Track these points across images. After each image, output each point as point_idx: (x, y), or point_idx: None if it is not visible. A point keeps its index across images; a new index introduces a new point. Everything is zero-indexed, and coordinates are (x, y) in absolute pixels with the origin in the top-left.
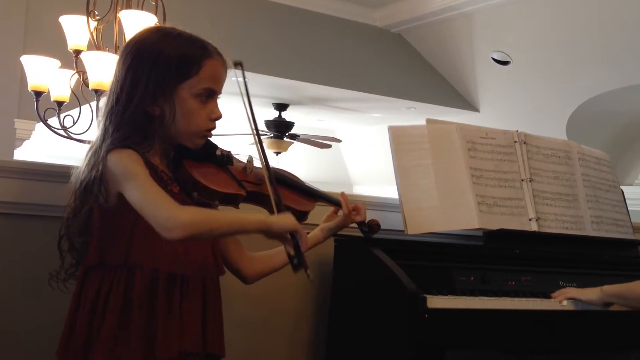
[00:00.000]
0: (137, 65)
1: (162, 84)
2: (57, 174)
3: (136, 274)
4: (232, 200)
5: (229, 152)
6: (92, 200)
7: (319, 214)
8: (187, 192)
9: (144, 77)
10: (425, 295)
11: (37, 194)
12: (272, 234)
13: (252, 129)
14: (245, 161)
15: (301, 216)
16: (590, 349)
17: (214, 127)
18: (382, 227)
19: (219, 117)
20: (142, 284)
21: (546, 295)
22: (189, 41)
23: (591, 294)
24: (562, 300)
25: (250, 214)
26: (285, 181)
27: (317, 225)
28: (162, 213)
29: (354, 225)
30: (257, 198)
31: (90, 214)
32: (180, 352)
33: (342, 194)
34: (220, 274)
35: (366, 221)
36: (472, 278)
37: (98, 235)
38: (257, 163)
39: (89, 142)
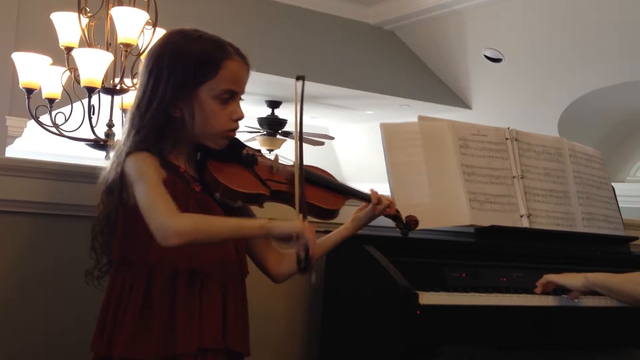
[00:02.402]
0: (157, 69)
1: (181, 87)
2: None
3: (157, 272)
4: (255, 200)
5: (258, 151)
6: (114, 201)
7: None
8: (210, 192)
9: (164, 80)
10: (417, 291)
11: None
12: (274, 238)
13: (296, 135)
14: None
15: (329, 214)
16: (583, 345)
17: (236, 128)
18: (372, 224)
19: (241, 117)
20: (162, 282)
21: None
22: (208, 43)
23: (574, 280)
24: (547, 289)
25: (252, 219)
26: (313, 179)
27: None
28: (159, 220)
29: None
30: (283, 197)
31: (113, 214)
32: (199, 347)
33: (372, 190)
34: (245, 273)
35: (403, 218)
36: (463, 274)
37: (120, 234)
38: (284, 162)
39: (85, 141)
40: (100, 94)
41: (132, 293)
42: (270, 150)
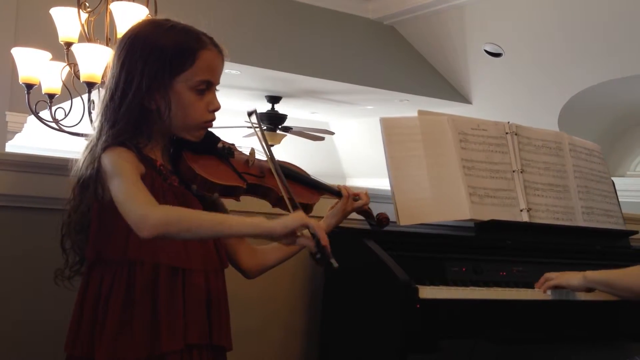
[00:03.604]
0: (130, 60)
1: (156, 79)
2: (54, 166)
3: (137, 270)
4: (231, 192)
5: (232, 144)
6: (89, 197)
7: (325, 207)
8: (187, 184)
9: (138, 72)
10: (417, 285)
11: (34, 186)
12: (278, 237)
13: (266, 153)
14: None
15: (304, 209)
16: (583, 339)
17: (213, 119)
18: None
19: (218, 108)
20: (143, 279)
21: None
22: (182, 33)
23: (573, 280)
24: (546, 290)
25: (248, 217)
26: (287, 173)
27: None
28: (136, 211)
29: (354, 218)
30: (259, 190)
31: (88, 210)
32: (185, 344)
33: (342, 186)
34: (224, 266)
35: (374, 215)
36: (463, 269)
37: (95, 231)
38: (260, 156)
39: (85, 136)
40: (100, 89)
41: (112, 292)
42: (271, 146)
